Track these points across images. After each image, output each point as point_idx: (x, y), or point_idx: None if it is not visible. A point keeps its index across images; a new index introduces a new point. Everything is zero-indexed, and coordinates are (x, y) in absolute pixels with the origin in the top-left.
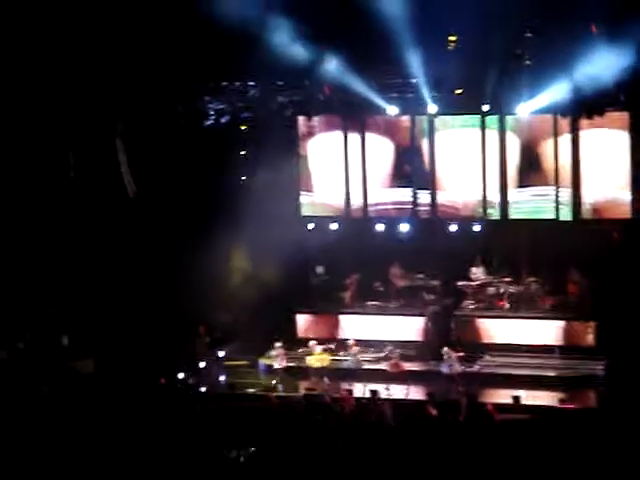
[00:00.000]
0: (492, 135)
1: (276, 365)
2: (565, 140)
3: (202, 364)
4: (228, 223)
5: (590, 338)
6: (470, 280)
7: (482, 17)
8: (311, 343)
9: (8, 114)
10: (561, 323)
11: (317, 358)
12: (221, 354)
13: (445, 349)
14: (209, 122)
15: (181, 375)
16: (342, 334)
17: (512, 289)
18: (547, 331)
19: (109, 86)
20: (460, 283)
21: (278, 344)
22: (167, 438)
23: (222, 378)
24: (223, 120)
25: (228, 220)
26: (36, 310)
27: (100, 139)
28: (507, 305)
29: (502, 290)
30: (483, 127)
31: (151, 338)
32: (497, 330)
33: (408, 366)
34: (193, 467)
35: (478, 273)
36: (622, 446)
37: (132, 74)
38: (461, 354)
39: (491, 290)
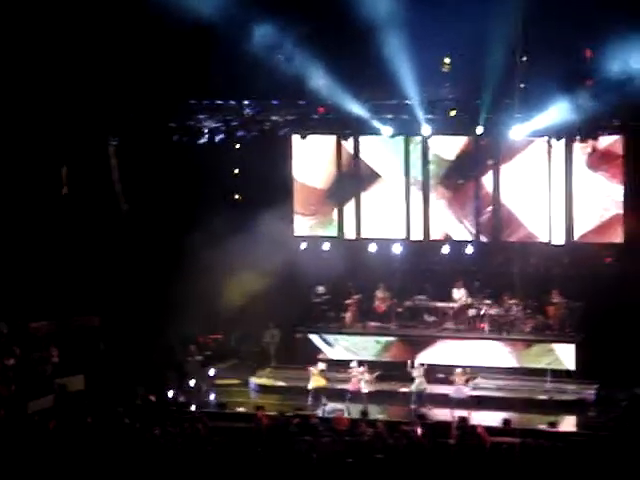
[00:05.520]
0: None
1: (363, 390)
2: (558, 163)
3: (192, 382)
4: (221, 242)
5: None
6: (451, 301)
7: (477, 40)
8: (317, 363)
9: (1, 130)
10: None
11: (314, 379)
12: (212, 373)
13: (457, 371)
14: (203, 140)
15: (171, 393)
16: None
17: (493, 311)
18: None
19: (102, 102)
20: (440, 304)
21: (362, 368)
22: (155, 456)
23: (212, 397)
24: (217, 138)
25: (221, 239)
26: (25, 326)
27: (93, 156)
28: (487, 327)
29: (483, 312)
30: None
31: (142, 355)
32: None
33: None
34: None
35: (460, 295)
36: (612, 469)
37: (126, 91)
38: (468, 377)
39: (472, 312)
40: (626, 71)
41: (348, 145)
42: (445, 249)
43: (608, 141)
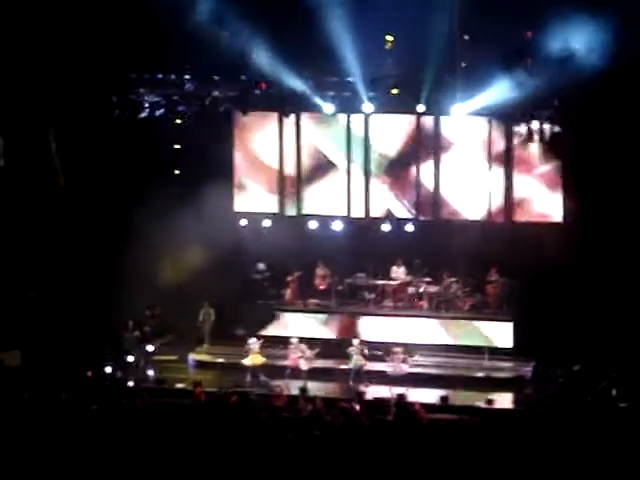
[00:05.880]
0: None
1: (302, 367)
2: (499, 142)
3: (130, 358)
4: (162, 217)
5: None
6: (391, 279)
7: (419, 18)
8: (250, 341)
9: None
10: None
11: (252, 356)
12: (150, 348)
13: (394, 349)
14: (144, 114)
15: (108, 369)
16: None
17: (432, 289)
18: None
19: (41, 74)
20: (380, 282)
21: (303, 345)
22: (93, 432)
23: (150, 373)
24: (158, 113)
25: (162, 214)
26: None
27: (32, 127)
28: (426, 305)
29: (421, 290)
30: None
31: (79, 330)
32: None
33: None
34: (117, 461)
35: (399, 272)
36: (548, 446)
37: (66, 63)
38: (406, 355)
39: (411, 290)
40: (566, 51)
41: (289, 122)
42: (385, 227)
43: (548, 120)
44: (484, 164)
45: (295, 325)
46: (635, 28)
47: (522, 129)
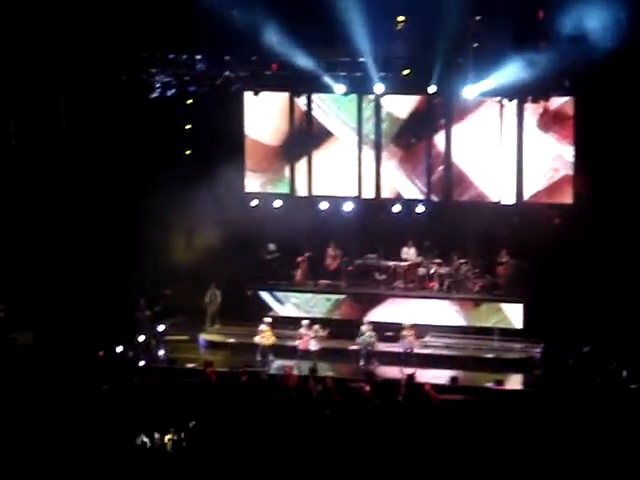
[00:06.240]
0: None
1: (312, 348)
2: (510, 123)
3: (141, 338)
4: (171, 197)
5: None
6: (401, 260)
7: None
8: (265, 320)
9: None
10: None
11: (262, 336)
12: (161, 328)
13: (405, 324)
14: (154, 94)
15: (120, 348)
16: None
17: (442, 270)
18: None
19: (53, 54)
20: (391, 263)
21: (315, 326)
22: (104, 411)
23: (161, 352)
24: (169, 93)
25: (172, 194)
26: None
27: (43, 107)
28: (437, 286)
29: (432, 271)
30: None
31: (91, 310)
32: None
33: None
34: (127, 440)
35: (409, 254)
36: (557, 427)
37: (77, 42)
38: (416, 332)
39: (422, 271)
40: (578, 32)
41: (301, 102)
42: (396, 208)
43: (559, 102)
44: (495, 145)
45: (306, 306)
46: None
47: (533, 110)
